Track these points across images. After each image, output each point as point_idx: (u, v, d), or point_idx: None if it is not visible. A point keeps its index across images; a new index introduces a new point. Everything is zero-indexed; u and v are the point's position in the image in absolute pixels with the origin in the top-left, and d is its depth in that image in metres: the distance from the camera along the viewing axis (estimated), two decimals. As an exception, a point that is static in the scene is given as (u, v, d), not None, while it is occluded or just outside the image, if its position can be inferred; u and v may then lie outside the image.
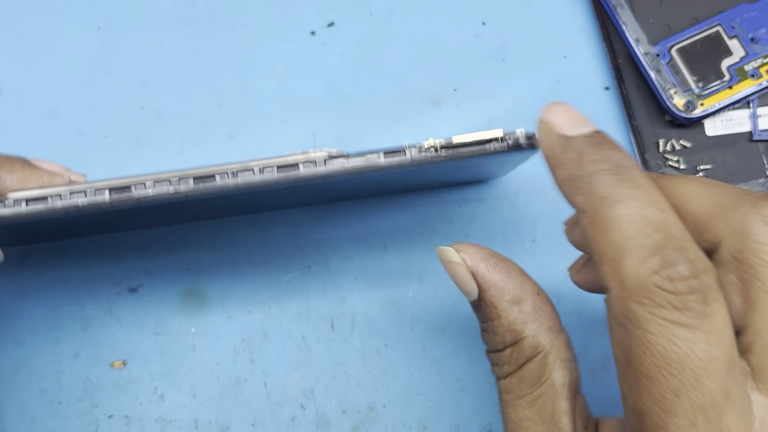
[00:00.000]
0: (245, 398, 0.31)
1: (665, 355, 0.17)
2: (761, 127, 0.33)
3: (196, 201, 0.23)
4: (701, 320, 0.17)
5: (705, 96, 0.32)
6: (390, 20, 0.35)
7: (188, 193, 0.22)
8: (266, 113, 0.34)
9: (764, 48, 0.32)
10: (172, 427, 0.30)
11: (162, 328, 0.31)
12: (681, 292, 0.17)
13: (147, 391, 0.31)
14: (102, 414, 0.31)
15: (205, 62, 0.34)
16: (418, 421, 0.31)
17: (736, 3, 0.33)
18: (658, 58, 0.33)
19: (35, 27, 0.35)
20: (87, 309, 0.31)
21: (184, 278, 0.32)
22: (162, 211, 0.26)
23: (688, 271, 0.17)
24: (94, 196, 0.22)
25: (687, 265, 0.17)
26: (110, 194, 0.22)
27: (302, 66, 0.34)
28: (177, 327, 0.31)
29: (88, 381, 0.31)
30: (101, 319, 0.31)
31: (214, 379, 0.31)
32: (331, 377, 0.31)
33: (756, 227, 0.18)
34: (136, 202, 0.22)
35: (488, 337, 0.23)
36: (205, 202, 0.24)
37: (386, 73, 0.34)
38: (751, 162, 0.33)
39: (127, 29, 0.35)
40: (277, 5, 0.35)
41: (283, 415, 0.31)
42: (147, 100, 0.34)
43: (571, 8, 0.35)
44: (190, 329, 0.31)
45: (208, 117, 0.34)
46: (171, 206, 0.24)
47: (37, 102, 0.34)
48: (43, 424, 0.30)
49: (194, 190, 0.22)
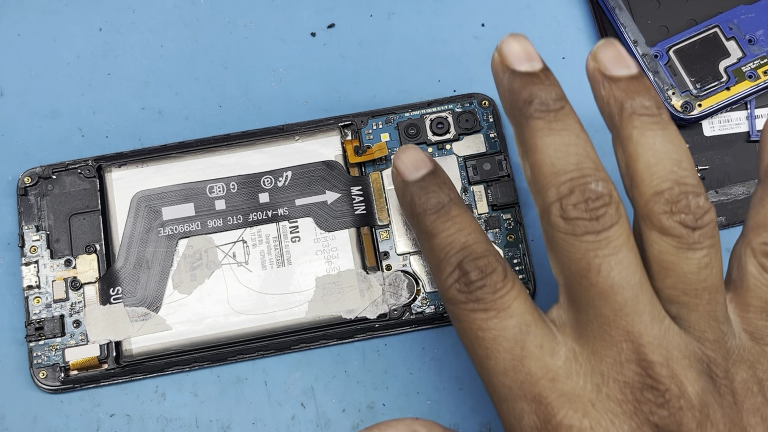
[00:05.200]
0: (246, 397, 0.31)
1: (472, 333, 0.23)
2: (759, 127, 0.33)
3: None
4: (491, 303, 0.23)
5: (703, 97, 0.32)
6: (390, 21, 0.35)
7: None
8: (266, 113, 0.34)
9: (762, 49, 0.33)
10: (173, 426, 0.31)
11: (163, 328, 0.31)
12: (473, 290, 0.23)
13: (148, 390, 0.31)
14: (103, 413, 0.31)
15: (206, 63, 0.34)
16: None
17: (733, 4, 0.33)
18: (656, 60, 0.33)
19: (37, 28, 0.35)
20: (88, 308, 0.31)
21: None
22: None
23: (477, 275, 0.23)
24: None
25: (476, 272, 0.23)
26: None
27: (302, 67, 0.34)
28: (178, 326, 0.31)
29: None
30: (102, 319, 0.31)
31: (215, 378, 0.31)
32: (331, 376, 0.31)
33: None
34: None
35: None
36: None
37: (386, 74, 0.34)
38: (749, 163, 0.33)
39: (128, 30, 0.35)
40: (278, 6, 0.35)
41: (283, 414, 0.31)
42: (148, 101, 0.34)
43: (570, 10, 0.35)
44: (191, 328, 0.31)
45: (208, 117, 0.34)
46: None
47: (39, 102, 0.34)
48: (44, 424, 0.31)
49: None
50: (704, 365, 0.23)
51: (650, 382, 0.22)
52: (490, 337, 0.23)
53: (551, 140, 0.23)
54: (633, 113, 0.24)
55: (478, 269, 0.23)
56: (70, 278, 0.31)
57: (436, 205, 0.25)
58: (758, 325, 0.24)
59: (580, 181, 0.23)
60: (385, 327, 0.31)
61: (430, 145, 0.32)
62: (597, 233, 0.23)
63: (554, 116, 0.24)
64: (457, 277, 0.24)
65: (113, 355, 0.30)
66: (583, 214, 0.23)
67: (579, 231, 0.23)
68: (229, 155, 0.32)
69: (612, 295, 0.22)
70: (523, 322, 0.23)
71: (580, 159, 0.23)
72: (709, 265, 0.23)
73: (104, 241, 0.31)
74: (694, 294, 0.23)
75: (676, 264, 0.23)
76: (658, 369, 0.22)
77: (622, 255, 0.23)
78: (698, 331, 0.23)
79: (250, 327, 0.30)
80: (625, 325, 0.22)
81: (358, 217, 0.32)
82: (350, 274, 0.31)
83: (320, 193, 0.32)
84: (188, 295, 0.31)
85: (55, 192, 0.32)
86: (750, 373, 0.23)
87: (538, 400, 0.22)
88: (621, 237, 0.23)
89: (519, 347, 0.23)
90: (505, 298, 0.23)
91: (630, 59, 0.25)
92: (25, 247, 0.31)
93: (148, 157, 0.32)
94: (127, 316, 0.30)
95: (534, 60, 0.25)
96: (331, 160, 0.32)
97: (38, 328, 0.31)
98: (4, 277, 0.32)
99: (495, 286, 0.23)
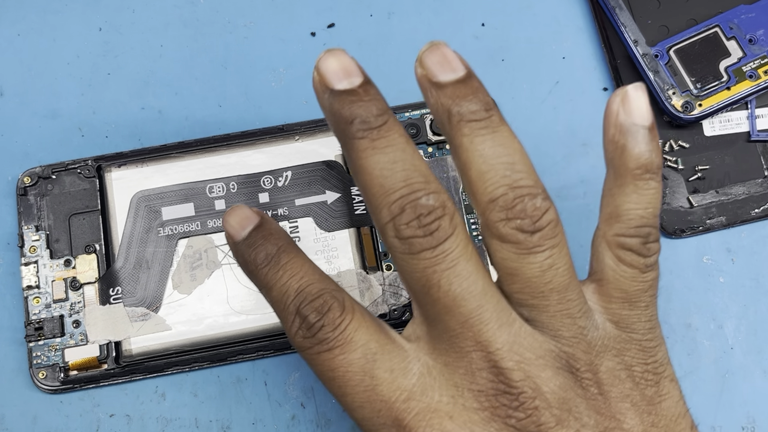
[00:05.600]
0: (246, 397, 0.31)
1: (325, 375, 0.24)
2: (759, 127, 0.33)
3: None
4: (333, 341, 0.23)
5: (703, 97, 0.32)
6: (390, 21, 0.35)
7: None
8: (266, 113, 0.34)
9: (762, 49, 0.32)
10: (173, 426, 0.31)
11: (163, 328, 0.31)
12: (314, 332, 0.23)
13: (148, 390, 0.31)
14: (103, 413, 0.31)
15: (206, 63, 0.34)
16: (418, 420, 0.31)
17: (734, 4, 0.33)
18: (657, 59, 0.33)
19: (37, 28, 0.35)
20: (88, 308, 0.31)
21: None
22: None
23: (315, 318, 0.23)
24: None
25: (314, 314, 0.23)
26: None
27: (302, 66, 0.34)
28: (178, 326, 0.31)
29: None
30: (102, 319, 0.31)
31: (215, 379, 0.31)
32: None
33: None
34: None
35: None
36: None
37: (386, 74, 0.34)
38: (749, 162, 0.33)
39: (128, 30, 0.35)
40: (278, 6, 0.35)
41: (283, 414, 0.31)
42: (148, 101, 0.34)
43: (570, 9, 0.35)
44: (190, 329, 0.31)
45: (208, 117, 0.34)
46: None
47: (39, 102, 0.34)
48: (44, 424, 0.31)
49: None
50: (562, 361, 0.23)
51: (503, 387, 0.22)
52: (340, 375, 0.23)
53: (377, 159, 0.23)
54: (461, 120, 0.23)
55: (315, 311, 0.23)
56: (70, 278, 0.31)
57: (264, 258, 0.24)
58: (621, 315, 0.24)
59: (410, 198, 0.22)
60: None
61: (430, 145, 0.32)
62: (433, 248, 0.22)
63: (377, 133, 0.23)
64: (299, 325, 0.23)
65: (113, 355, 0.30)
66: (416, 232, 0.22)
67: (415, 249, 0.22)
68: (229, 155, 0.32)
69: (455, 308, 0.22)
70: (368, 351, 0.23)
71: (408, 174, 0.23)
72: (553, 266, 0.23)
73: (104, 241, 0.31)
74: (541, 296, 0.23)
75: (519, 269, 0.23)
76: (510, 374, 0.22)
77: (461, 267, 0.22)
78: (552, 330, 0.23)
79: (250, 327, 0.30)
80: (473, 335, 0.22)
81: (358, 217, 0.32)
82: (350, 274, 0.31)
83: (320, 193, 0.32)
84: (188, 295, 0.31)
85: (55, 192, 0.32)
86: (616, 360, 0.23)
87: (398, 424, 0.23)
88: (458, 248, 0.23)
89: (369, 377, 0.23)
90: (345, 332, 0.23)
91: (457, 60, 0.24)
92: (25, 247, 0.31)
93: (148, 157, 0.32)
94: (126, 316, 0.30)
95: (352, 75, 0.24)
96: (331, 160, 0.32)
97: (38, 328, 0.31)
98: (4, 277, 0.32)
99: (334, 323, 0.23)
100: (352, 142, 0.23)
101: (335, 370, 0.23)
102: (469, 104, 0.23)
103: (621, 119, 0.24)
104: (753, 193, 0.32)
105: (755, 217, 0.32)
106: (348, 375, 0.23)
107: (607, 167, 0.25)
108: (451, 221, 0.23)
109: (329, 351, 0.23)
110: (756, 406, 0.31)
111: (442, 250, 0.22)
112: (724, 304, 0.32)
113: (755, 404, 0.31)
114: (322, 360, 0.23)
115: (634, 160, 0.24)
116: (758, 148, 0.33)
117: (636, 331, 0.24)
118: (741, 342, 0.32)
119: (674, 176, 0.33)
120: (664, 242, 0.32)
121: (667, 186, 0.33)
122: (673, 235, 0.32)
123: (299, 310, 0.23)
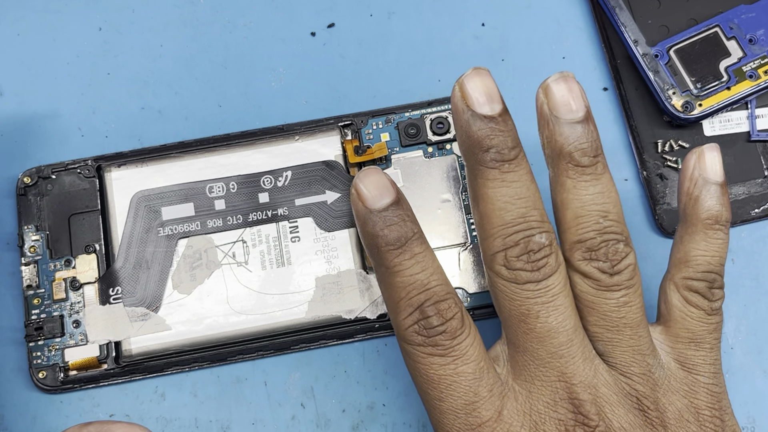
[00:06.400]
0: (245, 397, 0.31)
1: (427, 375, 0.24)
2: (759, 127, 0.33)
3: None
4: (449, 350, 0.24)
5: (703, 97, 0.32)
6: (390, 21, 0.35)
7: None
8: (266, 113, 0.34)
9: (762, 49, 0.32)
10: (173, 426, 0.31)
11: (163, 328, 0.31)
12: (432, 335, 0.24)
13: (148, 390, 0.31)
14: (103, 413, 0.31)
15: (206, 62, 0.34)
16: (418, 420, 0.31)
17: (734, 4, 0.33)
18: (657, 59, 0.33)
19: (36, 28, 0.35)
20: (88, 308, 0.31)
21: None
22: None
23: (437, 321, 0.24)
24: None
25: (437, 317, 0.24)
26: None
27: (302, 66, 0.34)
28: (178, 326, 0.31)
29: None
30: (102, 319, 0.31)
31: (215, 379, 0.31)
32: (331, 376, 0.31)
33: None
34: None
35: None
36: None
37: (386, 74, 0.34)
38: (749, 162, 0.33)
39: (128, 30, 0.35)
40: (277, 6, 0.35)
41: (283, 414, 0.31)
42: (148, 101, 0.34)
43: (570, 9, 0.35)
44: (190, 329, 0.31)
45: (208, 117, 0.34)
46: None
47: (39, 102, 0.34)
48: (44, 424, 0.31)
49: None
50: (633, 399, 0.24)
51: (581, 419, 0.24)
52: (446, 383, 0.24)
53: (503, 192, 0.24)
54: (570, 162, 0.25)
55: (438, 314, 0.24)
56: (70, 278, 0.31)
57: (397, 240, 0.25)
58: (688, 355, 0.25)
59: (525, 233, 0.24)
60: (385, 327, 0.31)
61: (430, 145, 0.32)
62: (537, 282, 0.24)
63: (508, 167, 0.25)
64: (416, 320, 0.24)
65: (113, 355, 0.30)
66: (525, 266, 0.24)
67: (521, 280, 0.24)
68: (229, 155, 0.32)
69: (548, 339, 0.24)
70: (478, 368, 0.24)
71: (528, 211, 0.24)
72: (628, 304, 0.25)
73: (104, 241, 0.31)
74: (615, 330, 0.25)
75: (597, 303, 0.25)
76: (587, 407, 0.24)
77: (559, 302, 0.24)
78: (624, 366, 0.25)
79: (250, 327, 0.30)
80: (559, 366, 0.24)
81: (358, 217, 0.32)
82: (350, 274, 0.31)
83: (320, 193, 0.32)
84: (188, 295, 0.31)
85: (55, 192, 0.32)
86: (685, 401, 0.25)
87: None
88: (558, 285, 0.24)
89: (472, 393, 0.24)
90: (462, 345, 0.24)
91: (580, 99, 0.25)
92: (25, 247, 0.31)
93: (148, 157, 0.32)
94: (126, 316, 0.30)
95: (494, 102, 0.25)
96: (331, 160, 0.32)
97: (38, 328, 0.31)
98: (4, 277, 0.32)
99: (454, 333, 0.24)
100: (481, 170, 0.25)
101: (443, 377, 0.24)
102: (582, 147, 0.25)
103: (696, 174, 0.26)
104: (753, 193, 0.32)
105: (755, 217, 0.32)
106: (454, 385, 0.24)
107: (681, 218, 0.27)
108: (557, 259, 0.25)
109: (442, 357, 0.24)
110: (756, 406, 0.31)
111: (546, 285, 0.24)
112: (724, 304, 0.32)
113: (755, 404, 0.31)
114: (431, 362, 0.24)
115: (706, 212, 0.26)
116: (758, 148, 0.33)
117: (701, 374, 0.25)
118: (741, 342, 0.32)
119: (674, 176, 0.33)
120: (665, 242, 0.32)
121: (667, 186, 0.33)
122: (674, 236, 0.32)
123: (422, 307, 0.24)
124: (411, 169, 0.32)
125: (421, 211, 0.31)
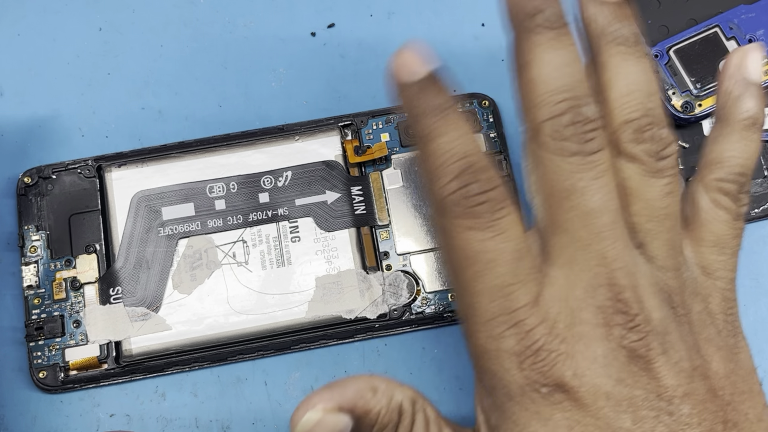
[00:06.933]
0: (246, 397, 0.31)
1: (465, 250, 0.22)
2: (759, 127, 0.33)
3: None
4: (490, 223, 0.22)
5: (703, 97, 0.32)
6: (390, 21, 0.35)
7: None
8: (266, 113, 0.34)
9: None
10: (173, 426, 0.31)
11: (163, 328, 0.31)
12: (472, 205, 0.22)
13: (148, 390, 0.31)
14: (103, 413, 0.31)
15: (206, 62, 0.34)
16: (418, 419, 0.31)
17: (734, 4, 0.33)
18: (657, 59, 0.33)
19: (36, 28, 0.35)
20: (88, 308, 0.31)
21: (185, 278, 0.32)
22: None
23: (479, 189, 0.22)
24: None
25: (478, 185, 0.22)
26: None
27: (302, 66, 0.34)
28: (178, 326, 0.31)
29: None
30: (102, 319, 0.31)
31: (215, 378, 0.31)
32: (331, 376, 0.31)
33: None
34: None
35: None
36: None
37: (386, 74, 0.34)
38: (749, 162, 0.33)
39: (128, 30, 0.35)
40: (277, 6, 0.35)
41: (283, 414, 0.31)
42: (148, 101, 0.34)
43: (570, 9, 0.35)
44: (190, 328, 0.31)
45: (208, 117, 0.34)
46: None
47: (39, 102, 0.34)
48: (44, 424, 0.31)
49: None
50: (666, 294, 0.23)
51: (621, 306, 0.22)
52: (485, 260, 0.22)
53: (550, 57, 0.23)
54: (614, 41, 0.24)
55: (479, 182, 0.22)
56: (70, 278, 0.31)
57: (438, 106, 0.23)
58: (710, 259, 0.25)
59: (574, 102, 0.23)
60: (385, 327, 0.31)
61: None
62: (584, 155, 0.22)
63: (556, 34, 0.23)
64: (455, 188, 0.22)
65: (113, 355, 0.30)
66: (573, 137, 0.22)
67: (568, 151, 0.22)
68: (229, 155, 0.32)
69: (592, 218, 0.22)
70: (518, 248, 0.22)
71: (576, 82, 0.23)
72: (671, 193, 0.24)
73: (104, 241, 0.31)
74: (657, 220, 0.24)
75: (641, 190, 0.24)
76: (627, 294, 0.22)
77: (606, 180, 0.23)
78: (660, 260, 0.24)
79: (250, 327, 0.30)
80: (601, 249, 0.22)
81: (358, 217, 0.32)
82: (350, 274, 0.31)
83: (320, 193, 0.32)
84: (188, 295, 0.31)
85: (55, 192, 0.32)
86: (703, 305, 0.24)
87: (520, 326, 0.22)
88: (605, 163, 0.23)
89: (512, 273, 0.22)
90: (504, 220, 0.22)
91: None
92: (25, 247, 0.31)
93: (148, 157, 0.32)
94: (126, 316, 0.30)
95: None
96: (331, 160, 0.32)
97: (38, 328, 0.31)
98: (4, 277, 0.32)
99: (496, 205, 0.22)
100: (529, 35, 0.23)
101: (481, 253, 0.22)
102: (624, 29, 0.24)
103: (739, 73, 0.25)
104: (753, 193, 0.32)
105: (755, 217, 0.32)
106: (493, 263, 0.22)
107: (717, 117, 0.26)
108: (605, 138, 0.23)
109: (481, 231, 0.22)
110: (756, 406, 0.31)
111: (593, 160, 0.22)
112: (724, 304, 0.32)
113: (755, 404, 0.31)
114: (468, 237, 0.22)
115: (745, 112, 0.25)
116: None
117: (720, 279, 0.25)
118: (741, 342, 0.32)
119: (674, 176, 0.33)
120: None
121: (667, 186, 0.33)
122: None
123: (462, 173, 0.22)
124: (411, 169, 0.32)
125: (421, 211, 0.32)
